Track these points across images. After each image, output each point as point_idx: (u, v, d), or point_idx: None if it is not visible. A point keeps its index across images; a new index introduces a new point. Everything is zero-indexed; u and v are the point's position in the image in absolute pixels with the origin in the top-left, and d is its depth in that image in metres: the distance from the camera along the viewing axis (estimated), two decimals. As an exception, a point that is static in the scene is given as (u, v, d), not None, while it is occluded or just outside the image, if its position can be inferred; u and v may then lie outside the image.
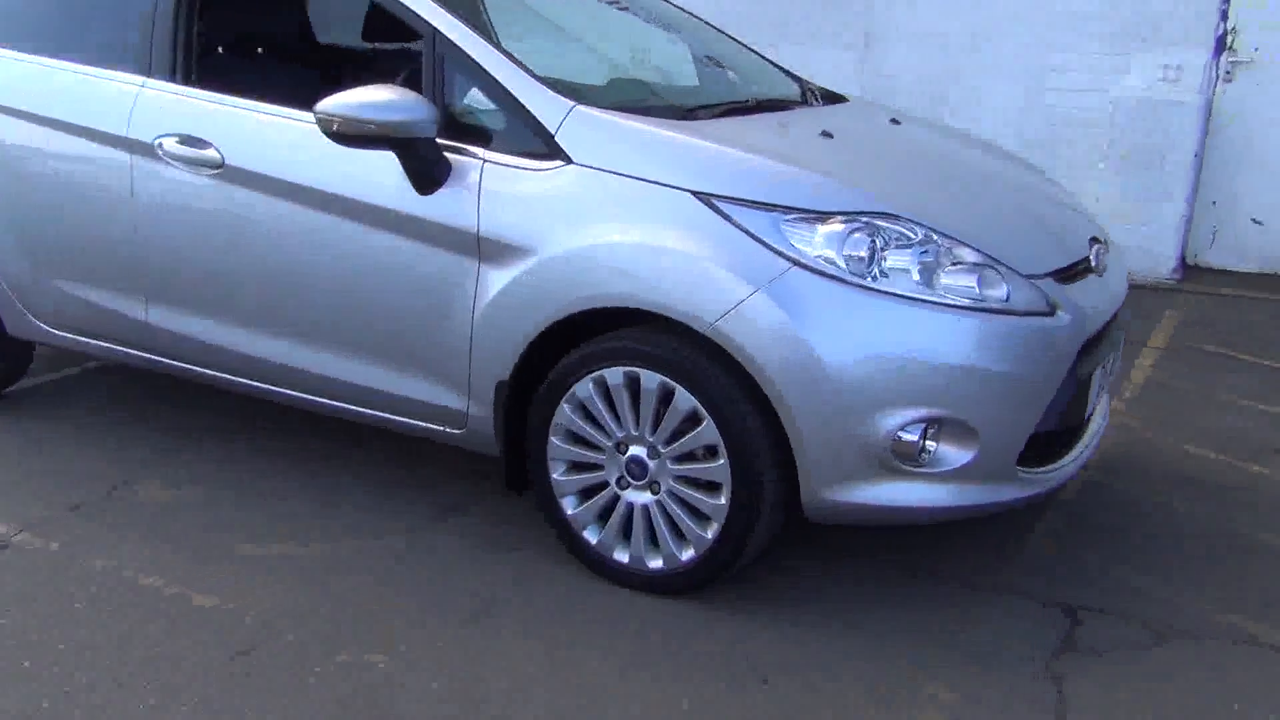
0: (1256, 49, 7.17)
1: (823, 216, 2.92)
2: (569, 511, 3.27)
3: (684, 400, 2.99)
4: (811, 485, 2.94)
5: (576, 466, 3.26)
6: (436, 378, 3.36)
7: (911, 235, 2.93)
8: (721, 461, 2.98)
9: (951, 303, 2.86)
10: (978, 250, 2.95)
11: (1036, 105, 7.51)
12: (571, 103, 3.15)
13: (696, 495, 3.06)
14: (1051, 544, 3.55)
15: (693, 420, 3.01)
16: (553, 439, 3.23)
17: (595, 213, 3.04)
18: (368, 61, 4.55)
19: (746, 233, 2.90)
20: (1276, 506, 3.84)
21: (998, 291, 2.91)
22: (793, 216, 2.91)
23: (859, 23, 7.96)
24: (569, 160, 3.09)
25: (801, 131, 3.61)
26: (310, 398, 3.64)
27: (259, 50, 4.48)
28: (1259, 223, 7.42)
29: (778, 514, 3.04)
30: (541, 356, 3.22)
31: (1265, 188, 7.34)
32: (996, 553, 3.50)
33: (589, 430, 3.17)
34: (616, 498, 3.20)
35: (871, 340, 2.84)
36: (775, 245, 2.88)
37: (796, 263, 2.87)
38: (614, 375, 3.07)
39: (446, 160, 3.18)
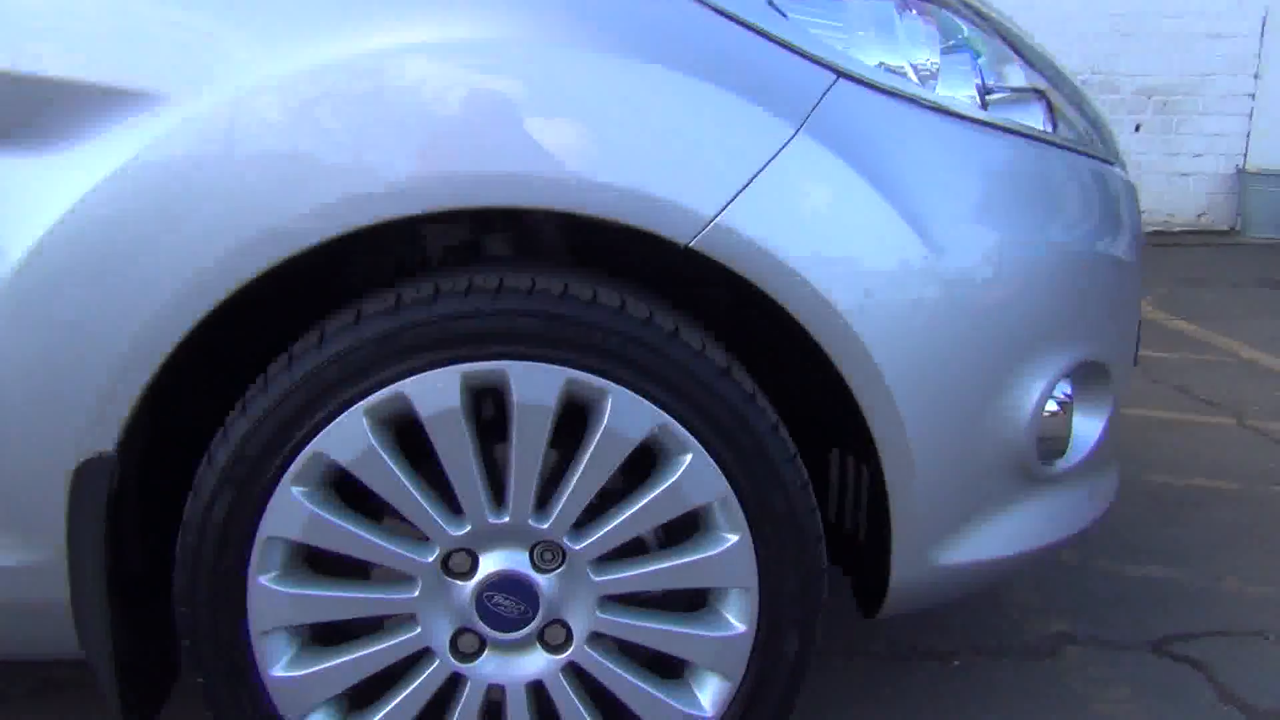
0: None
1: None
2: (319, 750, 1.32)
3: (629, 417, 1.25)
4: (917, 543, 1.39)
5: (325, 638, 1.34)
6: None
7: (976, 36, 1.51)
8: (730, 541, 1.30)
9: (1060, 143, 1.51)
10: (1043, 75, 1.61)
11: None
12: None
13: (667, 632, 1.34)
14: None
15: (652, 459, 1.30)
16: (259, 580, 1.26)
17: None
18: None
19: (744, 25, 1.26)
20: None
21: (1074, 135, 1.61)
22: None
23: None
24: None
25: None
26: None
27: None
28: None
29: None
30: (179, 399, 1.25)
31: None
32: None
33: (362, 536, 1.26)
34: (455, 683, 1.33)
35: (1002, 228, 1.37)
36: (801, 46, 1.28)
37: (843, 74, 1.29)
38: (436, 390, 1.22)
39: None
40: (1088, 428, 1.55)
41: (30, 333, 1.18)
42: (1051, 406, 1.47)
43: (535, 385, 1.23)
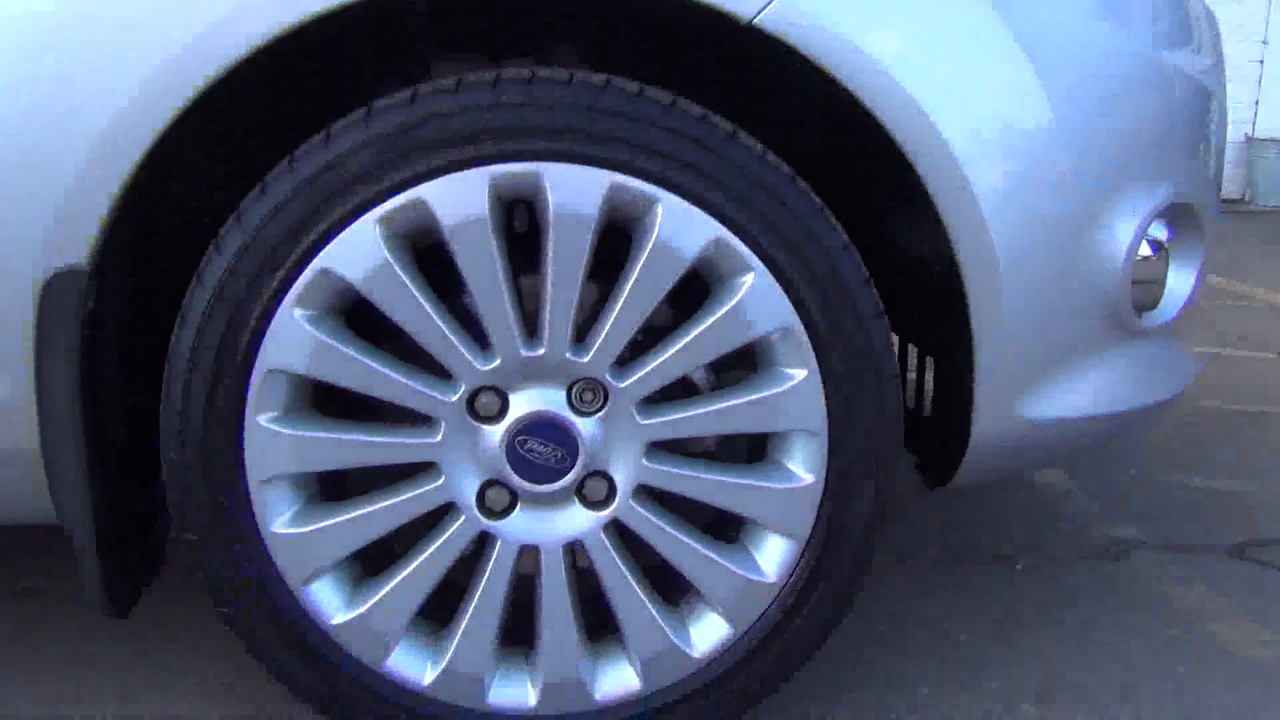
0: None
1: None
2: (329, 616, 1.15)
3: (681, 229, 1.09)
4: (1002, 392, 1.23)
5: (333, 486, 1.18)
6: None
7: None
8: (796, 378, 1.14)
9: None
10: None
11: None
12: None
13: (723, 483, 1.17)
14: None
15: (702, 293, 1.14)
16: (258, 420, 1.09)
17: None
18: None
19: None
20: None
21: None
22: None
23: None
24: None
25: None
26: None
27: None
28: None
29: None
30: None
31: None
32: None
33: (376, 368, 1.10)
34: (482, 544, 1.17)
35: (1099, 46, 1.22)
36: None
37: None
38: (461, 195, 1.06)
39: None
40: (1180, 280, 1.39)
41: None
42: (1145, 251, 1.32)
43: (575, 190, 1.07)
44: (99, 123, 1.02)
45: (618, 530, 1.17)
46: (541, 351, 1.11)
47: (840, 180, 1.32)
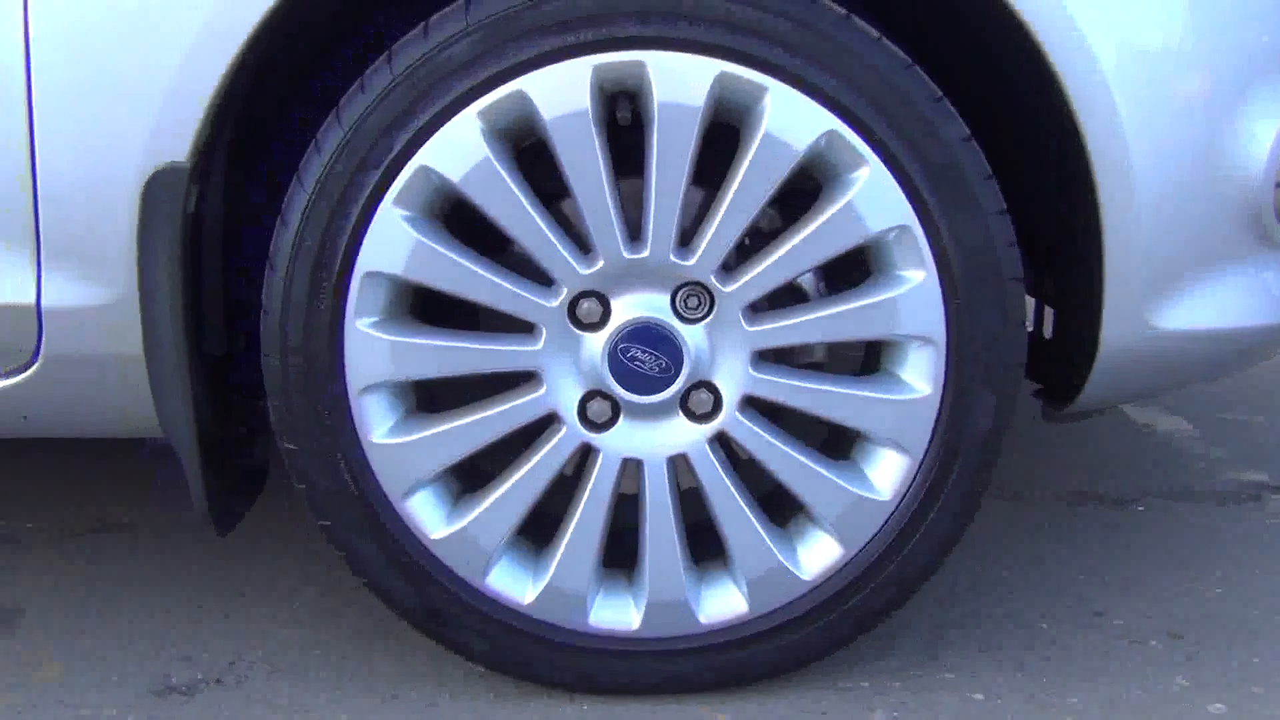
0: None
1: None
2: (429, 530, 1.12)
3: (792, 120, 1.03)
4: (1133, 299, 1.15)
5: (430, 396, 1.15)
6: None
7: None
8: (913, 281, 1.08)
9: None
10: None
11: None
12: None
13: (834, 394, 1.11)
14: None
15: (820, 174, 1.09)
16: (357, 325, 1.07)
17: None
18: None
19: None
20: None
21: None
22: None
23: None
24: None
25: None
26: None
27: None
28: None
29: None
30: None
31: None
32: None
33: (477, 270, 1.07)
34: (584, 456, 1.13)
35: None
36: None
37: None
38: (562, 86, 1.02)
39: None
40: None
41: (81, 20, 1.00)
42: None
43: (680, 80, 1.02)
44: (198, 17, 1.00)
45: (723, 444, 1.12)
46: (645, 254, 1.06)
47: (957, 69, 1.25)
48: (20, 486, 1.71)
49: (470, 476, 1.16)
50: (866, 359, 1.21)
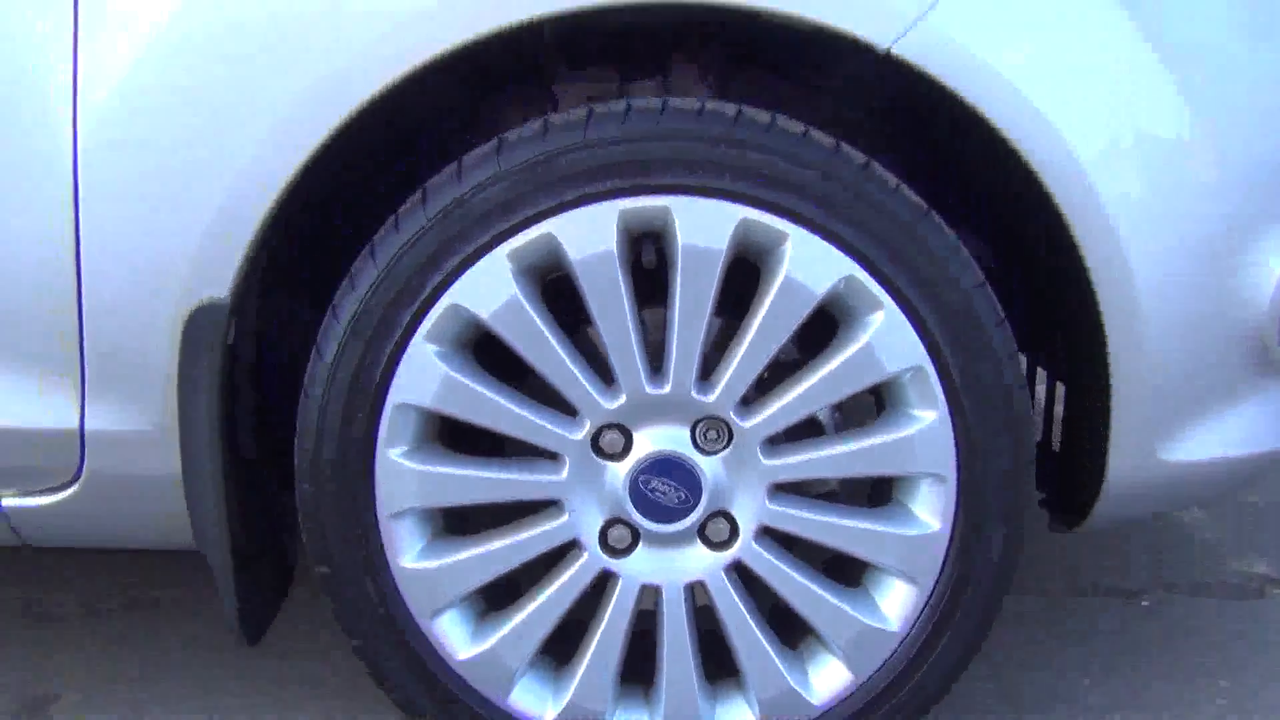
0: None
1: None
2: (454, 651, 1.16)
3: (812, 265, 1.07)
4: (1141, 433, 1.17)
5: (459, 522, 1.19)
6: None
7: None
8: (926, 420, 1.11)
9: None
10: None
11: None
12: None
13: (848, 528, 1.15)
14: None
15: (837, 314, 1.12)
16: (389, 454, 1.10)
17: None
18: None
19: None
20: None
21: None
22: None
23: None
24: None
25: None
26: None
27: None
28: None
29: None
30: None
31: None
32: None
33: (504, 404, 1.10)
34: (604, 582, 1.16)
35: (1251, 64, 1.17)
36: None
37: None
38: (589, 229, 1.06)
39: None
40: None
41: (129, 159, 1.04)
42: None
43: (704, 225, 1.06)
44: (238, 161, 1.04)
45: (739, 571, 1.16)
46: (666, 389, 1.10)
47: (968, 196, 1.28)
48: (49, 560, 1.75)
49: (493, 590, 1.20)
50: (878, 483, 1.24)
